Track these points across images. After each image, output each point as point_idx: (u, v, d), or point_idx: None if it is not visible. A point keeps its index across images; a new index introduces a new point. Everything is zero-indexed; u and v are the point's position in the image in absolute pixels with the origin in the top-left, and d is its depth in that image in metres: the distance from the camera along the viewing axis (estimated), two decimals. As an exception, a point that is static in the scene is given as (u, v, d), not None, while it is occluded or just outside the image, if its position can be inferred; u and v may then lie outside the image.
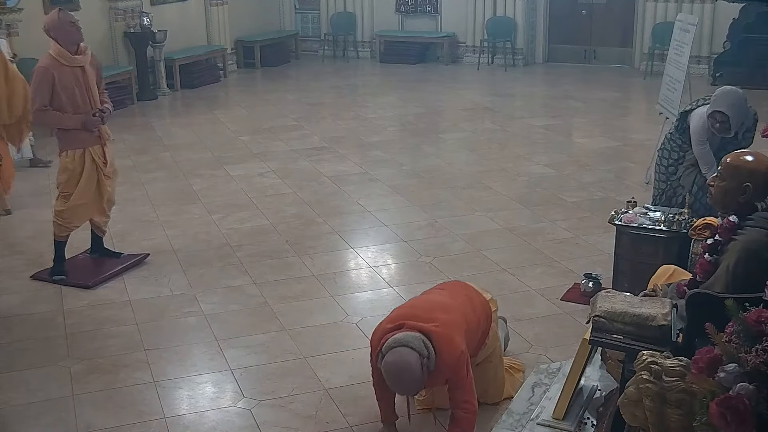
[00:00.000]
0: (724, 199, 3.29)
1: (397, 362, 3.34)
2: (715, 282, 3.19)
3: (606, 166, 8.09)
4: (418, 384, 3.40)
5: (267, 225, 6.58)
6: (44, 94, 5.21)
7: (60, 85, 5.22)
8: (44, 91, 5.20)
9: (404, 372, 3.32)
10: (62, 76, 5.22)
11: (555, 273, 5.56)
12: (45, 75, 5.19)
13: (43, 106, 5.24)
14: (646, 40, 12.90)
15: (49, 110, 5.26)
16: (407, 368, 3.31)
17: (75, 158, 5.41)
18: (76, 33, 5.27)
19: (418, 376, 3.34)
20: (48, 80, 5.19)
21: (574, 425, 3.72)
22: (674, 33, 9.26)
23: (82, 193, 5.47)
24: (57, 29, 5.23)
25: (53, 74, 5.19)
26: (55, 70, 5.20)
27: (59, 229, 5.55)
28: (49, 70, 5.19)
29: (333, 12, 15.04)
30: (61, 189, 5.48)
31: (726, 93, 4.99)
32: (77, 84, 5.30)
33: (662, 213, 4.94)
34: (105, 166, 5.53)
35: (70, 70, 5.26)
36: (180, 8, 12.67)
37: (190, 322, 4.96)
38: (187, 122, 10.42)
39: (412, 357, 3.32)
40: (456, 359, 3.47)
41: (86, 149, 5.43)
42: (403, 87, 12.48)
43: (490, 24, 13.83)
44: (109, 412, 4.02)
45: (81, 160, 5.42)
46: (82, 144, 5.41)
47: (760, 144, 4.47)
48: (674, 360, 2.67)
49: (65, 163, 5.42)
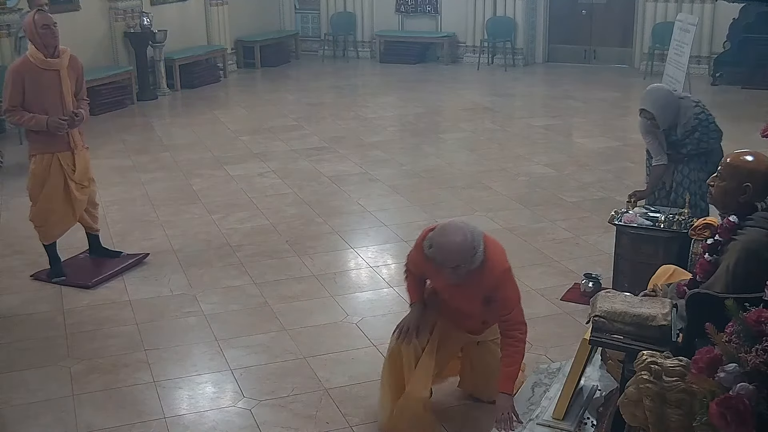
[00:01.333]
0: (724, 199, 3.29)
1: (446, 227, 3.40)
2: (715, 282, 3.19)
3: (606, 166, 8.09)
4: (463, 255, 3.35)
5: (267, 225, 6.58)
6: (14, 95, 5.19)
7: (30, 87, 5.19)
8: (14, 91, 5.18)
9: (453, 234, 3.34)
10: (34, 78, 5.19)
11: (555, 273, 5.56)
12: (15, 76, 5.18)
13: (12, 106, 5.23)
14: (646, 40, 12.89)
15: (17, 110, 5.23)
16: (457, 233, 3.34)
17: (42, 163, 5.36)
18: (49, 36, 5.18)
19: (466, 247, 3.33)
20: (18, 81, 5.17)
21: (574, 425, 3.72)
22: (674, 33, 9.28)
23: (47, 198, 5.41)
24: (30, 32, 5.21)
25: (23, 75, 5.18)
26: (26, 72, 5.18)
27: (42, 235, 5.55)
28: (20, 71, 5.18)
29: (333, 12, 15.05)
30: (29, 193, 5.47)
31: (650, 91, 5.11)
32: (49, 87, 5.24)
33: (662, 213, 4.94)
34: (73, 173, 5.44)
35: (44, 72, 5.21)
36: (180, 8, 12.68)
37: (190, 322, 4.96)
38: (187, 122, 10.42)
39: (462, 229, 3.36)
40: (504, 269, 3.50)
41: (55, 154, 5.37)
42: (403, 87, 12.48)
43: (490, 24, 13.83)
44: (109, 412, 4.02)
45: (48, 165, 5.37)
46: (51, 149, 5.36)
47: (760, 144, 4.47)
48: (674, 360, 2.67)
49: (32, 168, 5.39)
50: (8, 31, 9.66)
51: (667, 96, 5.05)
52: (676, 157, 5.13)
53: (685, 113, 5.02)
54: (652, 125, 5.07)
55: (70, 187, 5.45)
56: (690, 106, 5.06)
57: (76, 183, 5.47)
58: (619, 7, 13.49)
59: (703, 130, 5.04)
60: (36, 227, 5.53)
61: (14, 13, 9.62)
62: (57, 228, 5.57)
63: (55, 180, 5.40)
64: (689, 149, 5.07)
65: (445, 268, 3.40)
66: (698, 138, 5.04)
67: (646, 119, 5.06)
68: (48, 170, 5.38)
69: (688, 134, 5.04)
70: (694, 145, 5.05)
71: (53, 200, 5.44)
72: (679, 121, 5.02)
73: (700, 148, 5.06)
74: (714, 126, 5.09)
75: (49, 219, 5.49)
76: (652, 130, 5.12)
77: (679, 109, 5.03)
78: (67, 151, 5.41)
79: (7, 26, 9.64)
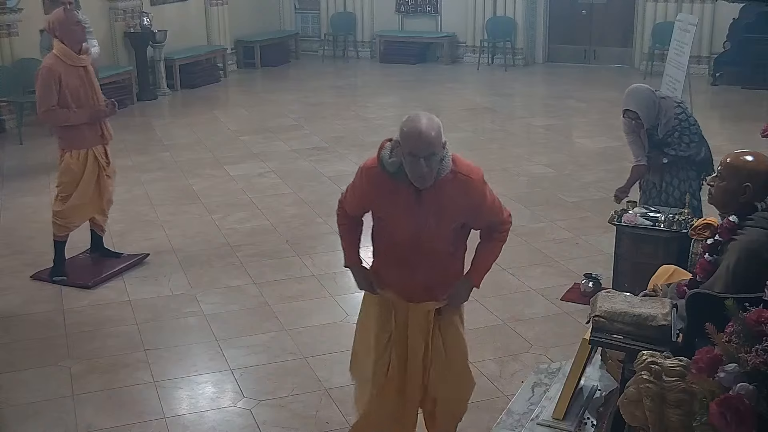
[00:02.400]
0: (724, 199, 3.29)
1: (411, 117, 3.03)
2: (715, 282, 3.19)
3: (606, 166, 8.09)
4: (436, 138, 2.97)
5: (267, 225, 6.58)
6: (52, 95, 5.19)
7: (66, 85, 5.22)
8: (51, 91, 5.19)
9: (420, 119, 3.00)
10: (67, 75, 5.22)
11: (555, 273, 5.56)
12: (51, 75, 5.18)
13: (51, 106, 5.22)
14: (646, 40, 12.89)
15: (57, 110, 5.24)
16: (422, 117, 3.01)
17: (79, 158, 5.40)
18: (80, 33, 5.28)
19: (436, 129, 2.98)
20: (54, 80, 5.18)
21: (574, 425, 3.72)
22: (674, 33, 9.27)
23: (82, 193, 5.46)
24: (62, 28, 5.22)
25: (59, 74, 5.19)
26: (60, 70, 5.20)
27: (58, 230, 5.54)
28: (55, 70, 5.18)
29: (333, 12, 15.04)
30: (60, 189, 5.47)
31: (632, 91, 5.13)
32: (81, 83, 5.30)
33: (662, 213, 4.94)
34: (107, 166, 5.53)
35: (74, 69, 5.26)
36: (180, 8, 12.67)
37: (190, 322, 4.96)
38: (187, 122, 10.42)
39: (427, 115, 3.03)
40: (481, 176, 3.19)
41: (89, 149, 5.42)
42: (403, 87, 12.47)
43: (490, 24, 13.83)
44: (109, 412, 4.02)
45: (84, 160, 5.41)
46: (86, 144, 5.40)
47: (760, 144, 4.47)
48: (674, 360, 2.67)
49: (68, 164, 5.39)
50: (8, 31, 9.66)
51: (649, 95, 5.09)
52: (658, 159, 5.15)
53: (666, 113, 5.06)
54: (636, 125, 5.09)
55: (103, 178, 5.53)
56: (671, 106, 5.11)
57: (106, 174, 5.56)
58: (619, 7, 13.48)
59: (683, 131, 5.07)
60: (58, 221, 5.51)
61: (14, 13, 9.62)
62: (79, 220, 5.60)
63: (91, 175, 5.46)
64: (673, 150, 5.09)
65: (417, 159, 2.95)
66: (678, 138, 5.07)
67: (630, 119, 5.09)
68: (84, 165, 5.42)
69: (669, 134, 5.08)
70: (676, 145, 5.08)
71: (88, 194, 5.49)
72: (660, 120, 5.05)
73: (680, 150, 5.08)
74: (696, 129, 5.14)
75: (78, 213, 5.53)
76: (636, 129, 5.14)
77: (660, 108, 5.05)
78: (100, 144, 5.47)
79: (7, 26, 9.64)
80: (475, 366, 4.36)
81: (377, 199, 3.19)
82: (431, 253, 3.22)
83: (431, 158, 2.98)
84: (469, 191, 3.15)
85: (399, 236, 3.21)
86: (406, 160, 3.00)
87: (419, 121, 2.98)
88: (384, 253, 3.35)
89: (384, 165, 3.10)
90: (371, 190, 3.18)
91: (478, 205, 3.20)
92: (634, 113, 5.03)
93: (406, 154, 2.98)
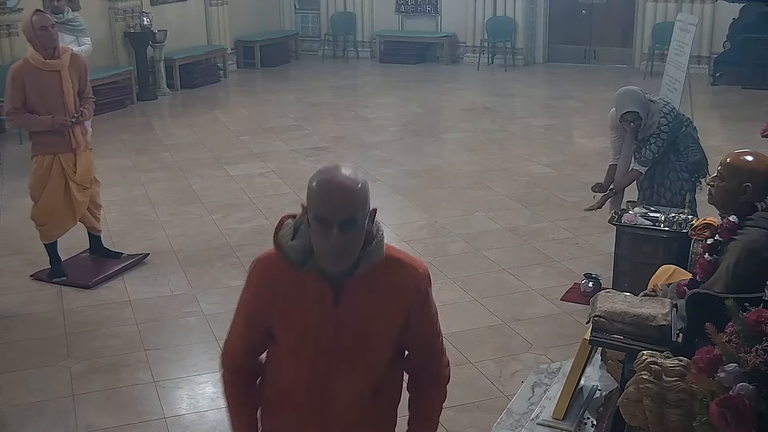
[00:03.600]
0: (724, 199, 3.29)
1: (328, 167, 2.08)
2: (715, 282, 3.19)
3: (606, 166, 8.01)
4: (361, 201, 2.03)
5: (267, 225, 6.57)
6: (15, 97, 5.18)
7: (31, 89, 5.18)
8: (15, 93, 5.17)
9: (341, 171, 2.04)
10: (34, 79, 5.18)
11: (555, 273, 5.56)
12: (15, 78, 5.17)
13: (14, 108, 5.22)
14: (646, 40, 12.89)
15: (20, 112, 5.23)
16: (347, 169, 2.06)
17: (44, 164, 5.37)
18: (47, 38, 5.17)
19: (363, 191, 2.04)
20: (18, 83, 5.16)
21: (574, 425, 3.72)
22: (674, 33, 9.27)
23: (48, 198, 5.42)
24: (28, 33, 5.21)
25: (23, 77, 5.17)
26: (26, 73, 5.17)
27: (42, 235, 5.55)
28: (20, 73, 5.17)
29: (333, 12, 15.04)
30: (30, 193, 5.48)
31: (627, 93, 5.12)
32: (50, 88, 5.22)
33: (662, 213, 4.94)
34: (74, 174, 5.43)
35: (44, 73, 5.20)
36: (180, 8, 12.67)
37: (190, 322, 4.96)
38: (187, 122, 10.42)
39: (351, 169, 2.07)
40: (426, 273, 2.21)
41: (56, 156, 5.37)
42: (403, 87, 12.47)
43: (490, 24, 13.83)
44: (109, 412, 4.02)
45: (49, 166, 5.37)
46: (53, 150, 5.35)
47: (760, 144, 4.47)
48: (674, 360, 2.67)
49: (34, 168, 5.39)
50: (8, 31, 9.66)
51: (642, 95, 5.11)
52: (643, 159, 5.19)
53: (651, 116, 5.06)
54: (634, 126, 5.08)
55: (71, 188, 5.44)
56: (657, 113, 5.07)
57: (77, 184, 5.46)
58: (619, 7, 13.48)
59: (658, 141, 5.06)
60: (37, 226, 5.53)
61: (14, 13, 9.62)
62: (57, 228, 5.57)
63: (56, 181, 5.40)
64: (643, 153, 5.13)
65: (329, 227, 2.00)
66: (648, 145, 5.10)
67: (629, 121, 5.07)
68: (49, 171, 5.37)
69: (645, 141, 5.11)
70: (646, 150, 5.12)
71: (54, 200, 5.43)
72: (646, 122, 5.06)
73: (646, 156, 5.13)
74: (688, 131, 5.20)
75: (50, 219, 5.49)
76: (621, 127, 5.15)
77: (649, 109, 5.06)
78: (68, 152, 5.40)
79: (7, 26, 9.64)
80: (475, 366, 4.38)
81: (275, 305, 2.15)
82: (353, 401, 2.20)
83: (350, 227, 2.01)
84: (410, 287, 2.16)
85: (304, 371, 2.17)
86: (312, 229, 2.03)
87: (336, 172, 2.04)
88: (278, 407, 2.27)
89: (285, 251, 2.10)
90: (267, 291, 2.15)
91: (419, 313, 2.19)
92: (635, 114, 5.02)
93: (312, 218, 2.03)
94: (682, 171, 5.16)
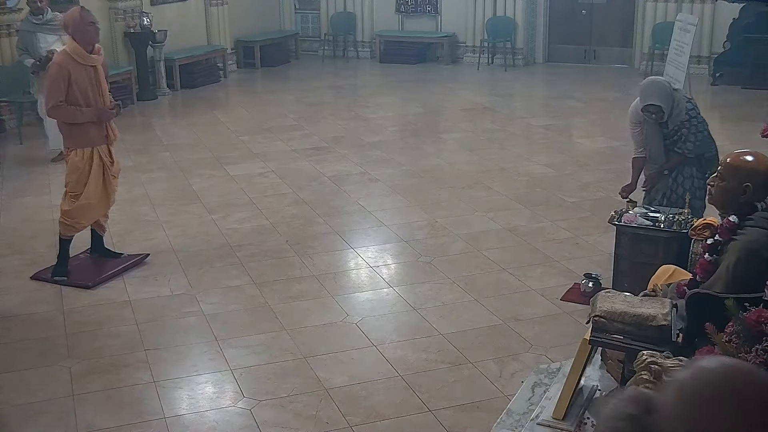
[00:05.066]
0: (724, 199, 3.29)
1: None
2: (715, 282, 3.19)
3: (606, 166, 8.09)
4: None
5: (267, 225, 6.58)
6: (60, 91, 5.28)
7: (75, 83, 5.29)
8: (60, 87, 5.27)
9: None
10: (76, 73, 5.30)
11: (555, 273, 5.56)
12: (60, 72, 5.27)
13: (58, 102, 5.30)
14: (646, 40, 12.89)
15: (64, 106, 5.32)
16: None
17: (84, 157, 5.44)
18: (94, 33, 5.38)
19: None
20: (63, 77, 5.26)
21: (574, 425, 3.72)
22: (674, 33, 9.28)
23: (92, 192, 5.49)
24: (76, 27, 5.32)
25: (69, 71, 5.27)
26: (70, 67, 5.28)
27: (66, 229, 5.56)
28: (64, 67, 5.27)
29: (333, 12, 15.04)
30: (70, 188, 5.50)
31: (653, 85, 5.14)
32: (90, 82, 5.38)
33: (662, 213, 4.95)
34: (112, 165, 5.57)
35: (84, 68, 5.34)
36: (180, 8, 12.67)
37: (190, 322, 4.96)
38: (187, 122, 10.42)
39: None
40: None
41: (94, 148, 5.46)
42: (403, 87, 12.47)
43: (490, 24, 13.83)
44: (109, 412, 4.02)
45: (89, 158, 5.45)
46: (91, 143, 5.45)
47: (760, 144, 4.47)
48: (674, 360, 2.67)
49: (74, 162, 5.44)
50: (8, 31, 9.65)
51: (668, 87, 5.12)
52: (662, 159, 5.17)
53: (678, 104, 5.06)
54: (656, 118, 5.06)
55: (108, 178, 5.56)
56: (682, 99, 5.13)
57: (111, 174, 5.59)
58: (619, 7, 13.48)
59: (691, 128, 5.07)
60: (65, 220, 5.53)
61: (14, 13, 9.62)
62: (88, 220, 5.64)
63: (97, 173, 5.49)
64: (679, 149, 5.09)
65: None
66: (686, 135, 5.07)
67: (651, 113, 5.06)
68: (90, 163, 5.45)
69: (677, 129, 5.08)
70: (682, 143, 5.08)
71: (96, 193, 5.52)
72: (673, 112, 5.05)
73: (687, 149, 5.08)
74: (703, 126, 5.14)
75: (87, 213, 5.56)
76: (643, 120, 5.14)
77: (674, 100, 5.07)
78: (104, 143, 5.51)
79: (7, 26, 9.64)
80: (475, 366, 4.38)
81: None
82: None
83: None
84: None
85: None
86: None
87: None
88: None
89: None
90: None
91: None
92: (657, 107, 5.00)
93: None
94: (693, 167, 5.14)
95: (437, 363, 4.42)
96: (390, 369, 4.36)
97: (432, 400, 4.07)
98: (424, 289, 5.34)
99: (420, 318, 4.94)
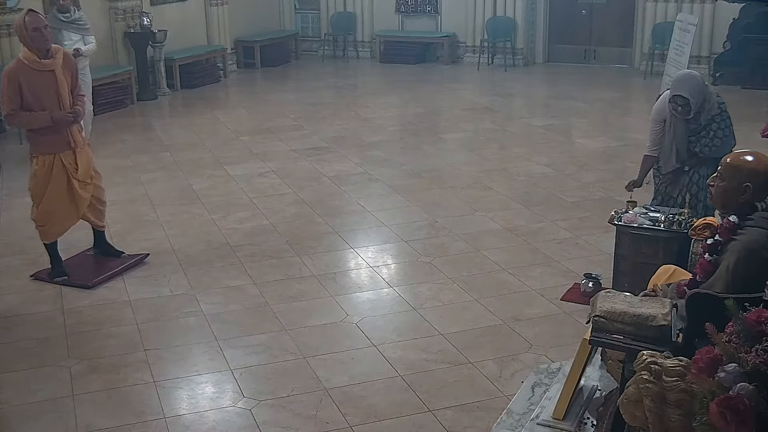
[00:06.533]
0: (724, 199, 3.29)
1: None
2: (715, 282, 3.19)
3: (606, 166, 8.09)
4: None
5: (267, 225, 6.58)
6: (12, 98, 5.21)
7: (27, 89, 5.20)
8: (12, 94, 5.20)
9: None
10: (29, 79, 5.20)
11: (555, 273, 5.56)
12: (11, 79, 5.19)
13: (12, 109, 5.24)
14: (646, 40, 12.89)
15: (18, 113, 5.25)
16: None
17: (45, 164, 5.37)
18: (39, 39, 5.19)
19: None
20: (14, 84, 5.19)
21: (574, 425, 3.72)
22: (674, 33, 9.28)
23: (51, 198, 5.42)
24: (21, 34, 5.23)
25: (19, 78, 5.18)
26: (21, 74, 5.19)
27: (43, 235, 5.56)
28: (15, 74, 5.19)
29: (333, 12, 15.04)
30: (31, 194, 5.48)
31: (686, 78, 5.11)
32: (46, 87, 5.25)
33: (662, 213, 4.94)
34: (76, 172, 5.45)
35: (39, 73, 5.22)
36: (180, 8, 12.67)
37: (190, 322, 4.96)
38: (187, 122, 10.42)
39: None
40: None
41: (56, 155, 5.38)
42: (403, 87, 12.47)
43: (490, 24, 13.83)
44: (109, 412, 4.02)
45: (50, 165, 5.37)
46: (53, 149, 5.37)
47: (760, 144, 4.47)
48: (674, 360, 2.67)
49: (34, 169, 5.39)
50: (8, 31, 9.65)
51: (701, 82, 5.07)
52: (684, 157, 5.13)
53: (709, 99, 5.04)
54: (682, 112, 5.01)
55: (73, 185, 5.46)
56: (713, 93, 5.11)
57: (80, 181, 5.49)
58: (619, 7, 13.48)
59: (721, 123, 5.06)
60: (38, 226, 5.53)
61: (14, 13, 9.62)
62: (58, 227, 5.57)
63: (58, 180, 5.41)
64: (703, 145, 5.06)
65: None
66: (714, 131, 5.04)
67: (677, 105, 5.00)
68: (51, 171, 5.38)
69: (709, 123, 5.05)
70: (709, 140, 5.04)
71: (57, 200, 5.44)
72: (704, 107, 5.02)
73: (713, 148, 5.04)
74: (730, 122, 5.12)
75: (52, 219, 5.50)
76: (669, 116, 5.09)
77: (707, 95, 5.04)
78: (68, 150, 5.41)
79: (7, 26, 9.64)
80: (475, 366, 4.38)
81: None
82: None
83: None
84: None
85: None
86: None
87: None
88: None
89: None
90: None
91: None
92: (685, 100, 4.96)
93: None
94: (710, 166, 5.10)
95: (437, 363, 4.42)
96: (390, 369, 4.36)
97: (432, 400, 4.07)
98: (424, 289, 5.34)
99: (420, 318, 4.94)
